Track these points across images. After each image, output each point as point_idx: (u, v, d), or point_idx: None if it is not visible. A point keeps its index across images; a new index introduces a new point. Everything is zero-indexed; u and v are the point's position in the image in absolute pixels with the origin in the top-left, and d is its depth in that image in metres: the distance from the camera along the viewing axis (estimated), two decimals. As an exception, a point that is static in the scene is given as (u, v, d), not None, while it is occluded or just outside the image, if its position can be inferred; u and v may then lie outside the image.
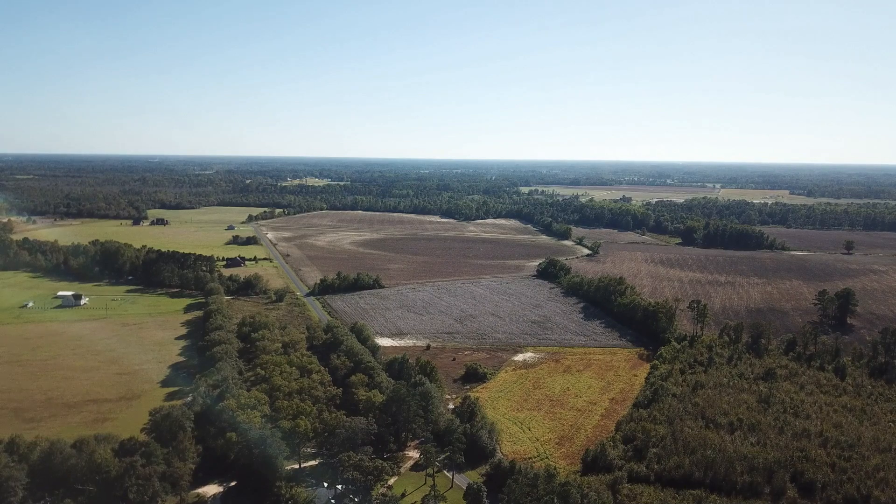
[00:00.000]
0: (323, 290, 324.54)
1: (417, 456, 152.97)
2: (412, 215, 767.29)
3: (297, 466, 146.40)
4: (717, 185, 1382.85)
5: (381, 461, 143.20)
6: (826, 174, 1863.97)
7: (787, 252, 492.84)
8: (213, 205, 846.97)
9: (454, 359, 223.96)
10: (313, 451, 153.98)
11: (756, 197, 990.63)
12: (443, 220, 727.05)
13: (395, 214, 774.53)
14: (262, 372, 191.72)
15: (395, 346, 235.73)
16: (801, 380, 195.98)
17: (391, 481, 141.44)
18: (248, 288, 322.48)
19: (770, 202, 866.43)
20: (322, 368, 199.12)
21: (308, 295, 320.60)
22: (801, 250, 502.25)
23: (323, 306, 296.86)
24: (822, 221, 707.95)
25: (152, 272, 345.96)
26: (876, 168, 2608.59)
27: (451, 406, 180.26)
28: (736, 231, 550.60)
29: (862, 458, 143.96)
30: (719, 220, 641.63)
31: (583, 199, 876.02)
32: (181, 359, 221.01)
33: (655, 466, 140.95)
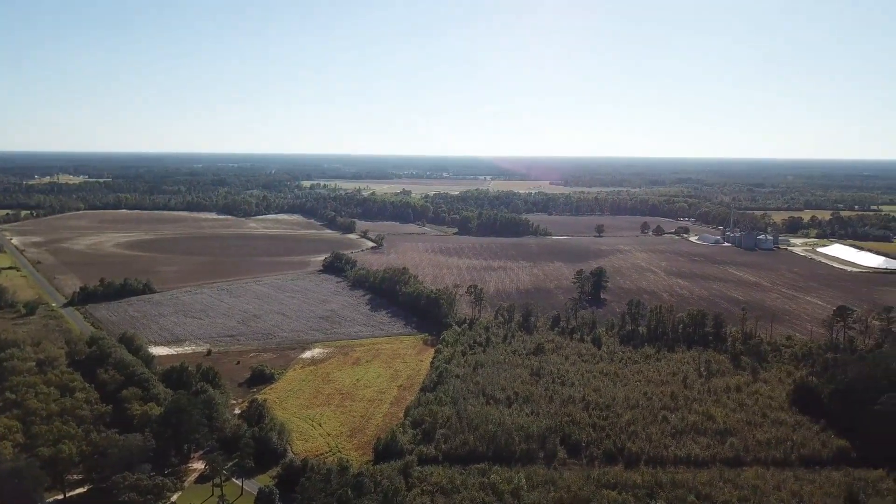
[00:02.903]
0: (84, 299, 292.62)
1: (203, 467, 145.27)
2: (186, 213, 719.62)
3: (60, 497, 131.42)
4: (489, 178, 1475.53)
5: (161, 478, 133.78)
6: (580, 165, 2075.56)
7: (549, 237, 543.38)
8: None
9: (239, 362, 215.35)
10: (81, 476, 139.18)
11: (522, 188, 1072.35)
12: (220, 216, 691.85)
13: (166, 213, 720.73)
14: (13, 396, 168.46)
15: (173, 355, 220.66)
16: (565, 351, 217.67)
17: (174, 497, 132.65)
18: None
19: (534, 192, 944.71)
20: (87, 385, 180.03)
21: (66, 305, 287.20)
22: (562, 235, 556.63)
23: (85, 317, 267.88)
24: (578, 208, 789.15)
25: None
26: (616, 159, 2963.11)
27: (237, 411, 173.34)
28: (506, 220, 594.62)
29: (616, 416, 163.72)
30: (491, 210, 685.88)
31: (365, 193, 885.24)
32: None
33: (443, 446, 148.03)
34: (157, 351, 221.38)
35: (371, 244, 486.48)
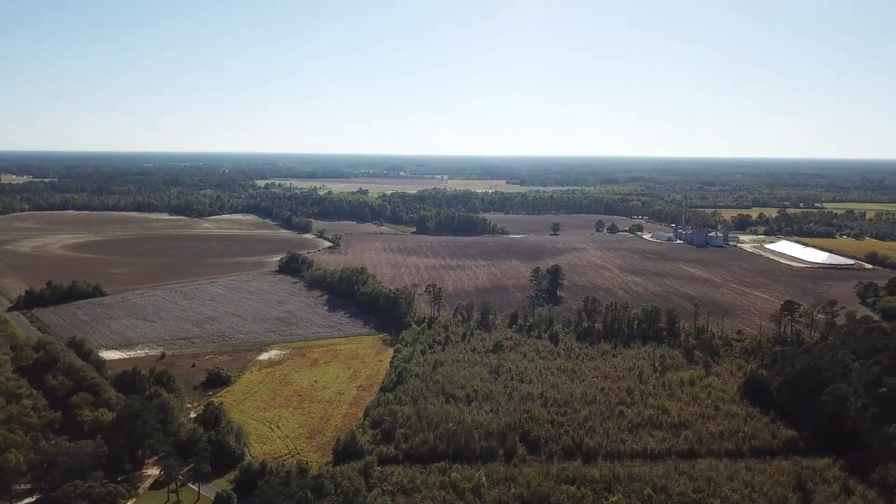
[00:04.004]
0: (30, 303, 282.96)
1: (158, 472, 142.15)
2: (136, 213, 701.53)
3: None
4: (446, 177, 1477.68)
5: (114, 485, 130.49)
6: (536, 165, 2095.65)
7: (506, 235, 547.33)
8: None
9: (194, 365, 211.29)
10: (29, 486, 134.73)
11: (479, 187, 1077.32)
12: (172, 217, 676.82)
13: (115, 213, 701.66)
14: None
15: (126, 359, 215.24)
16: (523, 349, 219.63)
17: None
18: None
19: (491, 191, 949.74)
20: (35, 392, 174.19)
21: (11, 310, 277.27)
22: (519, 233, 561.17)
23: (32, 321, 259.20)
24: (534, 207, 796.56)
25: None
26: (572, 159, 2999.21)
27: (193, 415, 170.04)
28: (463, 219, 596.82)
29: (574, 411, 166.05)
30: (448, 209, 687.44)
31: (321, 192, 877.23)
32: None
33: (403, 446, 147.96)
34: (109, 355, 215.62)
35: (328, 244, 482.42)
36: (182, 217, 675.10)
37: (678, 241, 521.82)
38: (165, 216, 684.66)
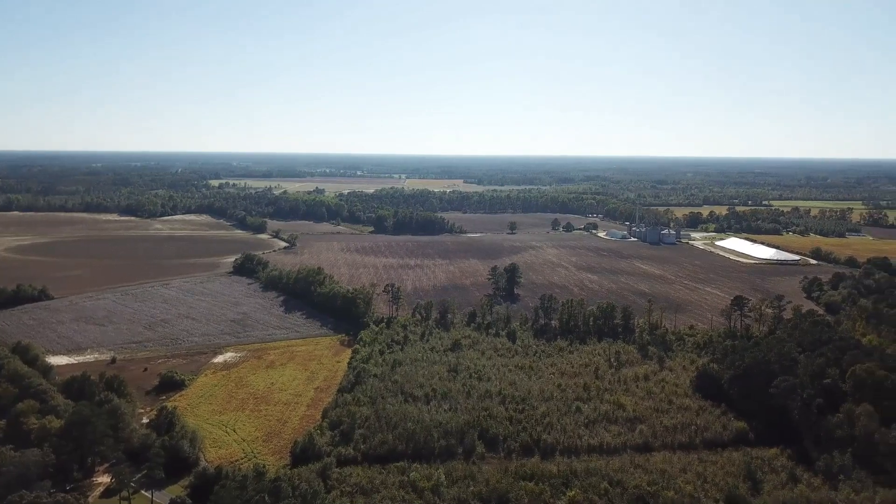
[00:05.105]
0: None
1: (109, 480, 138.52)
2: (85, 214, 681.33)
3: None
4: (403, 176, 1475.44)
5: (63, 494, 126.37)
6: (493, 164, 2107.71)
7: (464, 235, 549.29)
8: None
9: (146, 369, 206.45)
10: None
11: (437, 186, 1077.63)
12: (123, 218, 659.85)
13: (63, 214, 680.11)
14: None
15: (74, 364, 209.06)
16: (481, 347, 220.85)
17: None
18: None
19: (449, 191, 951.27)
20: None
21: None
22: (476, 232, 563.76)
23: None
24: (491, 206, 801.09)
25: None
26: (528, 158, 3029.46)
27: (145, 420, 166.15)
28: (422, 218, 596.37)
29: (532, 408, 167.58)
30: (407, 208, 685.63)
31: (276, 192, 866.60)
32: None
33: (362, 446, 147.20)
34: (56, 360, 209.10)
35: (284, 244, 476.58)
36: (133, 218, 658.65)
37: (632, 239, 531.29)
38: (116, 217, 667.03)
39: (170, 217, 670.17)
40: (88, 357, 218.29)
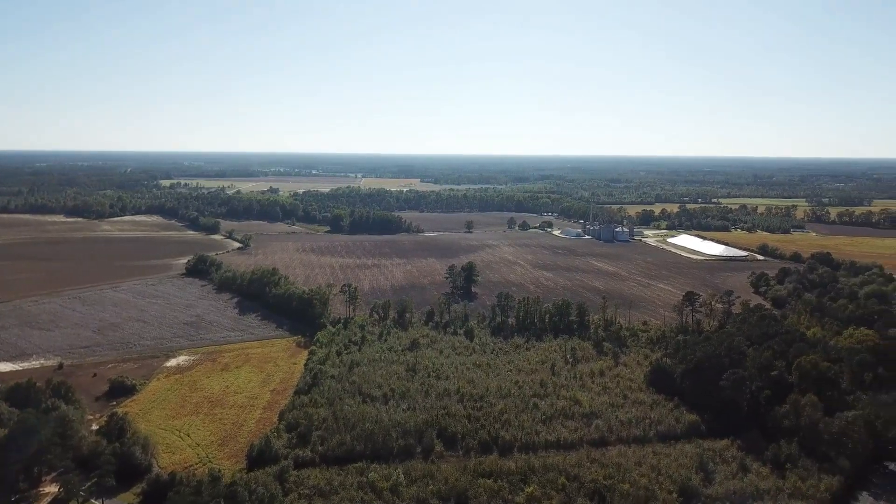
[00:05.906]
0: None
1: (57, 490, 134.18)
2: (28, 216, 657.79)
3: None
4: (360, 175, 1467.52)
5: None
6: (449, 164, 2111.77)
7: (422, 234, 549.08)
8: None
9: (95, 374, 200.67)
10: None
11: (393, 185, 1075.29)
12: (69, 219, 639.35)
13: (5, 216, 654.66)
14: None
15: (18, 371, 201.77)
16: (440, 346, 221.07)
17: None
18: None
19: (406, 190, 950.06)
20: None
21: None
22: (433, 231, 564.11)
23: None
24: (448, 205, 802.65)
25: None
26: (484, 157, 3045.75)
27: (95, 427, 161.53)
28: (378, 217, 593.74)
29: (490, 405, 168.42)
30: (363, 207, 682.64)
31: (230, 192, 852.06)
32: None
33: (320, 448, 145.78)
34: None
35: (237, 245, 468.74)
36: (80, 219, 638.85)
37: (586, 237, 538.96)
38: (62, 218, 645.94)
39: (119, 218, 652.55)
40: (34, 363, 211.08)
